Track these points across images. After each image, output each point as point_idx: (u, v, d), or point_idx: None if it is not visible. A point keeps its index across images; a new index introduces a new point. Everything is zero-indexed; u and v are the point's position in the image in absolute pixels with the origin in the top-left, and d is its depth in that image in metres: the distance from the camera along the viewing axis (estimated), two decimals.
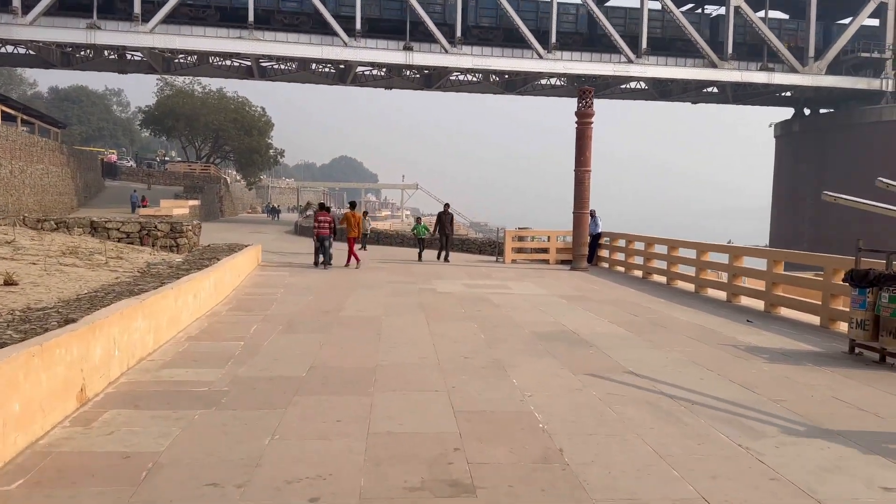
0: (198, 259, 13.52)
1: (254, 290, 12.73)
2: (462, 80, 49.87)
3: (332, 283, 14.40)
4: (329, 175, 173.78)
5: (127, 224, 16.65)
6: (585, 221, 18.30)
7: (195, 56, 46.89)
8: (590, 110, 18.13)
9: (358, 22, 42.18)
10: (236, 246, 17.01)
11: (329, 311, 10.62)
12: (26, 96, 79.87)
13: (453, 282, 14.96)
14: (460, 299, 12.24)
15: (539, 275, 17.12)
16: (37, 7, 37.90)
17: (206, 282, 10.21)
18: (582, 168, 18.09)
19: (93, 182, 50.02)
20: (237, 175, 73.83)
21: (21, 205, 34.03)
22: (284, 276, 15.18)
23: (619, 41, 44.96)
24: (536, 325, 9.72)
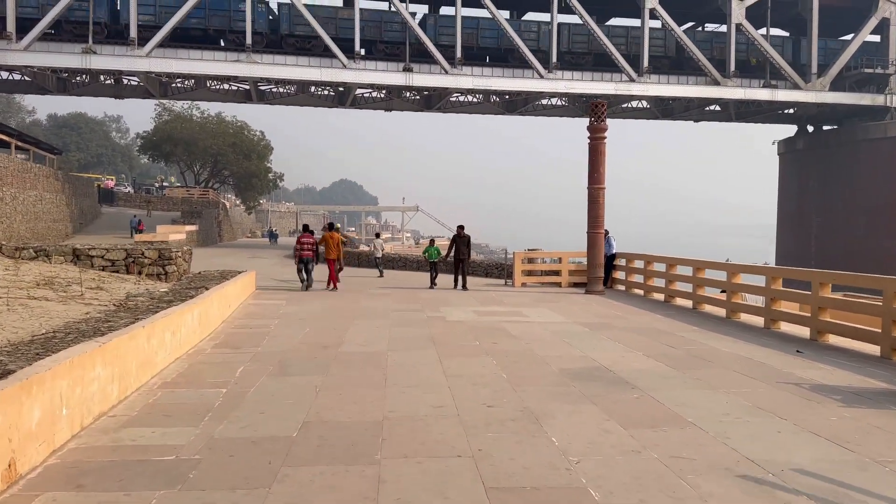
0: (185, 288, 12.30)
1: (245, 323, 11.48)
2: (462, 100, 48.96)
3: (332, 312, 13.16)
4: (329, 198, 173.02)
5: (112, 251, 15.44)
6: (600, 242, 17.10)
7: (192, 80, 46.04)
8: (603, 125, 17.02)
9: (357, 43, 41.31)
10: (229, 273, 15.79)
11: (328, 345, 9.36)
12: (25, 124, 79.15)
13: (463, 309, 13.71)
14: (473, 329, 10.98)
15: (553, 299, 15.87)
16: (31, 32, 37.02)
17: (189, 316, 8.97)
18: (596, 185, 16.93)
19: (89, 208, 48.89)
20: (237, 200, 72.80)
21: (12, 232, 32.85)
22: (280, 306, 13.94)
23: (620, 60, 44.11)
24: (563, 361, 8.46)
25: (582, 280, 18.80)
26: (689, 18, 51.84)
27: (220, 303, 11.46)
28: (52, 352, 6.05)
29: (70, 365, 5.26)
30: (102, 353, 5.93)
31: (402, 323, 11.66)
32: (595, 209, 16.92)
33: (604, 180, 16.97)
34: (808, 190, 55.26)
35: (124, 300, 10.35)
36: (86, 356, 5.59)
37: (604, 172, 16.97)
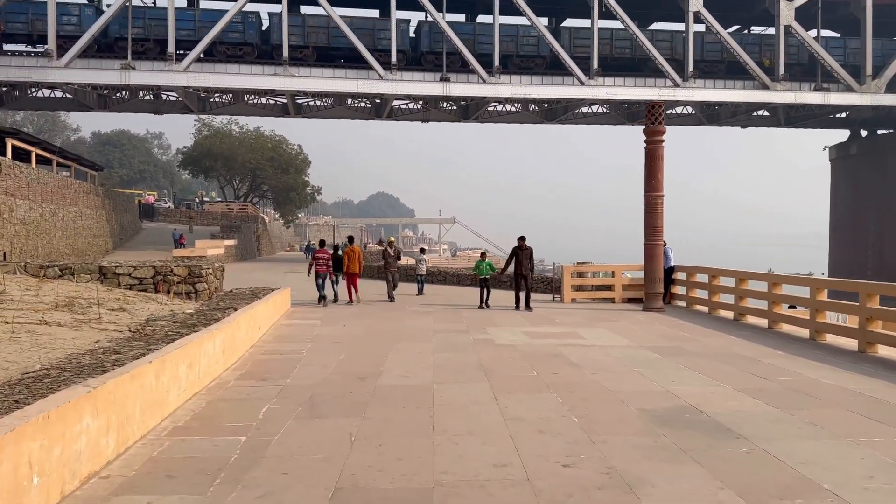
0: (212, 310, 11.30)
1: (275, 347, 10.39)
2: (500, 110, 47.77)
3: (369, 333, 12.01)
4: (366, 211, 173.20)
5: (139, 269, 14.57)
6: (659, 254, 15.67)
7: (230, 95, 45.78)
8: (660, 127, 15.65)
9: (394, 54, 40.49)
10: (262, 290, 14.79)
11: (365, 376, 8.19)
12: (70, 141, 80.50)
13: (512, 329, 12.43)
14: (527, 355, 9.70)
15: (610, 318, 14.49)
16: (71, 49, 37.04)
17: (209, 345, 7.89)
18: (653, 193, 15.53)
19: (129, 224, 48.93)
20: (275, 214, 72.65)
21: (52, 248, 32.65)
22: (314, 326, 12.85)
23: (664, 65, 42.44)
24: (642, 398, 7.14)
25: (637, 295, 17.37)
26: (734, 21, 49.90)
27: (249, 325, 10.41)
28: (36, 396, 5.00)
29: (45, 421, 4.17)
30: (93, 400, 4.84)
31: (446, 347, 10.44)
32: (653, 218, 15.52)
33: (662, 187, 15.57)
34: (863, 197, 52.60)
35: (143, 325, 9.35)
36: (69, 406, 4.50)
37: (661, 179, 15.57)
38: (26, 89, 41.73)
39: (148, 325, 9.18)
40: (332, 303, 17.27)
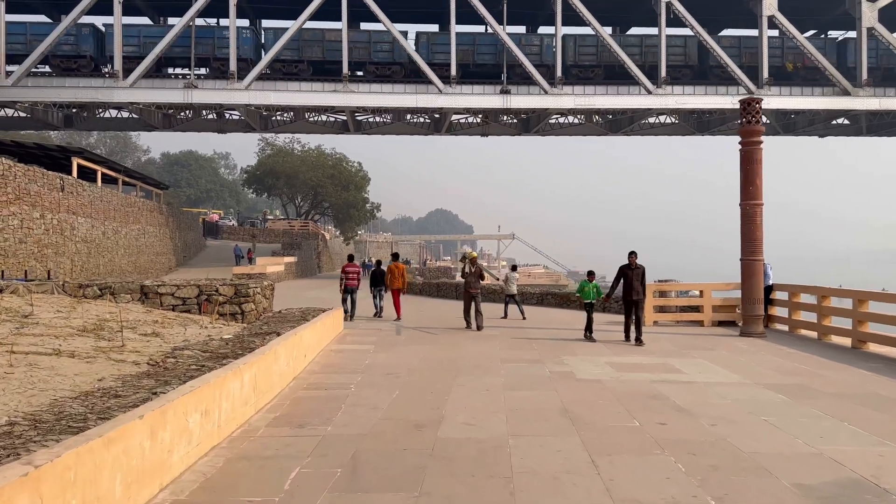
0: (254, 334, 9.88)
1: (320, 381, 8.86)
2: (562, 122, 45.84)
3: (427, 363, 10.36)
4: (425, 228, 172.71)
5: (183, 289, 13.36)
6: (759, 271, 13.54)
7: (291, 113, 45.35)
8: (758, 127, 13.60)
9: (453, 67, 39.21)
10: (312, 311, 13.37)
11: (423, 424, 6.53)
12: (140, 162, 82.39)
13: (593, 360, 10.58)
14: (620, 396, 7.87)
15: (704, 344, 12.46)
16: (136, 69, 37.12)
17: (236, 383, 6.39)
18: (751, 201, 13.46)
19: (193, 242, 48.93)
20: (336, 231, 72.28)
21: (114, 266, 32.37)
22: (367, 353, 11.29)
23: (736, 72, 39.82)
24: (792, 466, 5.25)
25: (729, 318, 15.24)
26: (810, 25, 46.77)
27: (291, 355, 8.91)
28: None
29: None
30: (32, 485, 3.33)
31: (518, 383, 8.68)
32: (751, 230, 13.43)
33: (761, 195, 13.48)
34: None
35: (166, 356, 7.96)
36: None
37: (761, 185, 13.49)
38: (94, 110, 42.17)
39: (170, 357, 7.77)
40: (376, 318, 17.51)
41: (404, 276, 17.45)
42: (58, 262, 27.18)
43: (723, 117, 44.62)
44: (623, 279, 12.87)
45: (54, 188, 27.71)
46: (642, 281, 12.81)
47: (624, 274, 12.86)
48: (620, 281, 12.92)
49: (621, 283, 12.94)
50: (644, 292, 12.87)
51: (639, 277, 12.76)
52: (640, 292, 12.69)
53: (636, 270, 12.78)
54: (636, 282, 12.69)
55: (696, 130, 46.71)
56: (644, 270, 12.88)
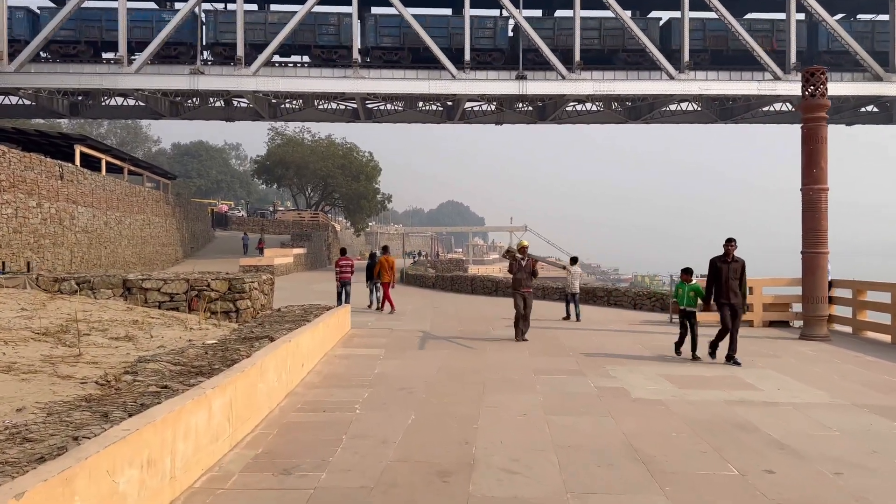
0: (243, 338, 8.26)
1: (319, 397, 7.20)
2: (580, 109, 43.90)
3: (446, 373, 8.68)
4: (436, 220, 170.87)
5: (170, 283, 11.75)
6: (823, 265, 11.76)
7: (300, 100, 43.69)
8: (822, 101, 11.80)
9: (467, 52, 37.36)
10: (316, 309, 11.75)
11: (448, 470, 4.86)
12: (151, 152, 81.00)
13: (643, 371, 8.86)
14: (696, 425, 6.15)
15: (764, 349, 10.71)
16: (142, 55, 35.54)
17: (198, 416, 4.74)
18: (815, 186, 11.68)
19: (201, 232, 47.48)
20: (346, 222, 70.66)
21: (116, 257, 30.91)
22: (376, 359, 9.64)
23: (763, 57, 37.72)
24: None
25: (781, 317, 13.50)
26: (839, 9, 44.50)
27: (284, 365, 7.27)
28: None
29: None
30: None
31: (562, 405, 6.98)
32: (815, 219, 11.65)
33: (826, 178, 11.69)
34: None
35: (125, 370, 6.33)
36: None
37: (826, 167, 11.70)
38: (99, 97, 40.71)
39: (129, 372, 6.14)
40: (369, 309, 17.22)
41: (394, 270, 17.19)
42: (56, 252, 25.73)
43: (747, 104, 42.57)
44: (720, 278, 9.48)
45: (53, 176, 26.22)
46: (741, 279, 9.45)
47: (717, 269, 9.50)
48: (717, 279, 9.54)
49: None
50: (744, 294, 9.59)
51: (736, 274, 9.38)
52: (738, 295, 9.37)
53: (733, 265, 9.39)
54: (733, 280, 9.35)
55: (719, 118, 44.67)
56: (744, 265, 9.51)
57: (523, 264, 11.67)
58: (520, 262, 11.66)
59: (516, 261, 11.67)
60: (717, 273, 9.50)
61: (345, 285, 17.05)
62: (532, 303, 11.71)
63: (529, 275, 11.69)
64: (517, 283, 11.66)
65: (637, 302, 17.70)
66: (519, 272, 11.65)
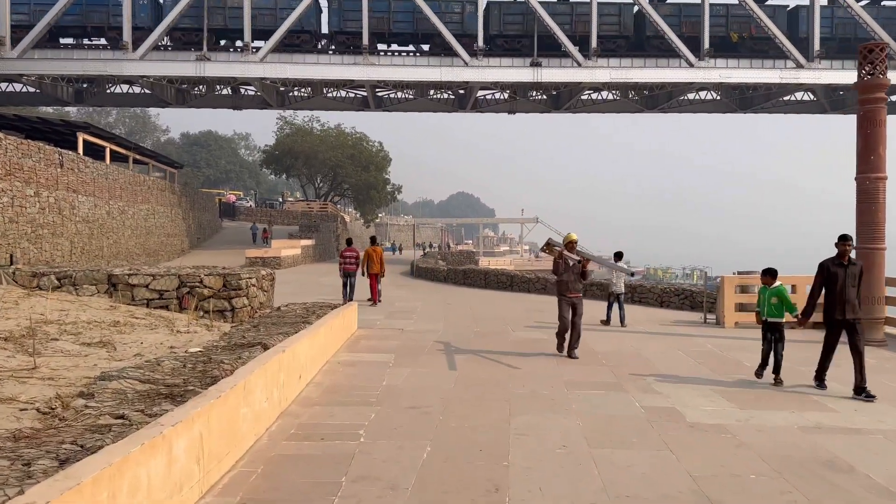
0: (232, 346, 7.18)
1: (316, 419, 6.07)
2: (596, 98, 42.51)
3: (463, 386, 7.53)
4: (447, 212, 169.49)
5: (160, 279, 10.64)
6: (881, 262, 10.52)
7: (309, 88, 42.52)
8: (882, 80, 10.51)
9: (480, 38, 36.05)
10: (320, 307, 10.66)
11: None
12: (160, 142, 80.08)
13: (691, 384, 7.67)
14: (774, 461, 4.96)
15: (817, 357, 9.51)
16: (146, 41, 34.45)
17: (151, 466, 3.60)
18: (872, 174, 10.42)
19: (208, 223, 46.50)
20: (356, 213, 69.57)
21: (119, 247, 29.93)
22: (385, 366, 8.51)
23: (785, 43, 36.21)
24: None
25: None
26: None
27: (276, 381, 6.15)
28: None
29: None
30: None
31: (606, 432, 5.80)
32: (871, 210, 10.40)
33: (884, 166, 10.43)
34: None
35: (82, 390, 5.23)
36: None
37: (884, 154, 10.44)
38: (104, 84, 39.69)
39: (84, 395, 5.02)
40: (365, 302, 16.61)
41: (382, 261, 16.97)
42: (55, 243, 24.75)
43: (767, 93, 41.06)
44: (829, 285, 7.51)
45: (52, 164, 25.21)
46: (858, 285, 7.48)
47: (831, 275, 7.47)
48: (827, 282, 7.55)
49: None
50: (860, 306, 7.61)
51: (855, 281, 7.41)
52: (856, 308, 7.45)
53: (851, 268, 7.46)
54: (851, 288, 7.38)
55: (739, 108, 43.15)
56: (862, 269, 7.65)
57: (571, 264, 9.29)
58: (567, 260, 9.29)
59: (563, 259, 9.30)
60: (831, 280, 7.45)
61: (349, 276, 16.72)
62: (583, 310, 9.45)
63: (578, 277, 9.37)
64: (563, 286, 9.39)
65: (664, 299, 16.48)
66: (566, 273, 9.32)
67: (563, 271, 9.31)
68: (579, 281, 9.35)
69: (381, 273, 16.82)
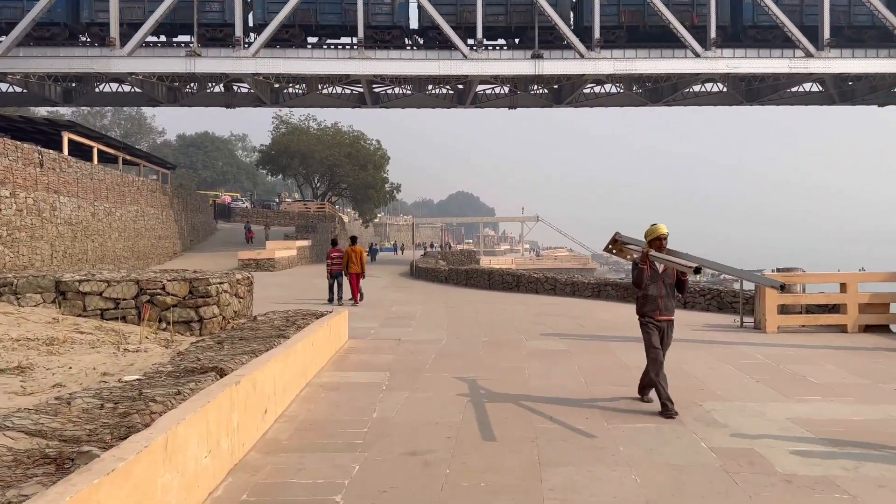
0: (180, 372, 5.54)
1: (278, 479, 4.42)
2: (598, 91, 40.84)
3: (477, 418, 5.89)
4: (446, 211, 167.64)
5: (115, 286, 9.01)
6: None
7: (303, 85, 40.88)
8: None
9: (479, 30, 34.35)
10: (303, 317, 9.03)
11: None
12: (156, 144, 78.34)
13: (758, 410, 6.01)
14: None
15: (886, 365, 7.90)
16: (134, 36, 32.76)
17: None
18: None
19: (202, 225, 44.89)
20: (355, 214, 67.89)
21: (105, 250, 28.30)
22: (377, 389, 6.88)
23: (794, 32, 34.50)
24: None
25: (881, 320, 10.66)
26: None
27: (226, 425, 4.53)
28: None
29: None
30: None
31: (674, 491, 4.18)
32: None
33: None
34: None
35: None
36: None
37: None
38: (92, 83, 38.04)
39: None
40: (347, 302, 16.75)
41: (363, 261, 16.93)
42: (33, 247, 23.11)
43: (775, 84, 39.40)
44: None
45: (31, 163, 23.56)
46: None
47: None
48: None
49: None
50: None
51: None
52: None
53: None
54: None
55: (745, 100, 41.52)
56: None
57: (661, 270, 6.25)
58: (652, 264, 6.22)
59: (646, 264, 6.22)
60: None
61: (336, 277, 16.86)
62: (671, 337, 6.36)
63: (671, 290, 6.30)
64: (650, 304, 6.25)
65: (687, 300, 14.85)
66: (653, 285, 6.24)
67: (648, 282, 6.23)
68: (672, 296, 6.31)
69: (361, 272, 16.80)
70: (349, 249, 16.94)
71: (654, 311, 6.23)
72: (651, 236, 6.28)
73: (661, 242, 6.25)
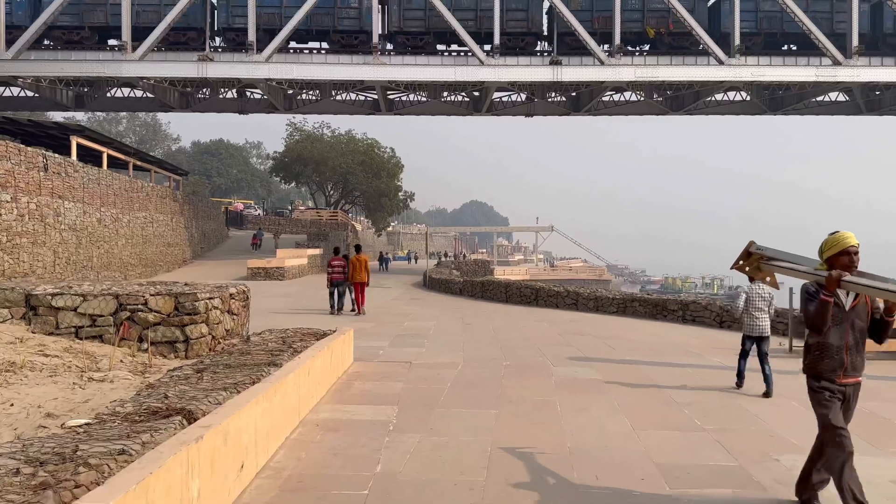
0: (141, 414, 4.44)
1: None
2: (618, 99, 39.65)
3: (504, 474, 4.75)
4: (460, 220, 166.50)
5: (92, 300, 7.96)
6: None
7: (317, 91, 40.02)
8: None
9: (497, 35, 33.37)
10: (303, 337, 7.94)
11: None
12: (171, 151, 77.99)
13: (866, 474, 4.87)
14: None
15: None
16: (146, 41, 32.08)
17: None
18: None
19: (213, 232, 44.08)
20: (367, 222, 66.94)
21: (112, 257, 27.45)
22: (384, 430, 5.76)
23: (821, 39, 33.21)
24: None
25: None
26: None
27: (176, 497, 3.43)
28: None
29: None
30: None
31: None
32: None
33: None
34: None
35: None
36: None
37: None
38: (103, 87, 37.40)
39: None
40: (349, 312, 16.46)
41: (367, 270, 16.70)
42: (35, 253, 22.25)
43: (800, 93, 38.00)
44: None
45: (35, 167, 22.76)
46: None
47: None
48: None
49: None
50: None
51: None
52: None
53: None
54: None
55: (769, 109, 40.15)
56: None
57: (848, 305, 4.07)
58: (837, 296, 4.03)
59: (832, 294, 3.90)
60: None
61: (336, 286, 16.59)
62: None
63: (863, 336, 4.10)
64: (828, 359, 4.09)
65: (723, 318, 13.59)
66: (835, 329, 4.05)
67: (833, 323, 4.03)
68: (862, 347, 4.11)
69: (366, 282, 16.61)
70: (353, 259, 16.82)
71: (834, 369, 4.06)
72: (834, 250, 4.01)
73: (850, 259, 3.96)
